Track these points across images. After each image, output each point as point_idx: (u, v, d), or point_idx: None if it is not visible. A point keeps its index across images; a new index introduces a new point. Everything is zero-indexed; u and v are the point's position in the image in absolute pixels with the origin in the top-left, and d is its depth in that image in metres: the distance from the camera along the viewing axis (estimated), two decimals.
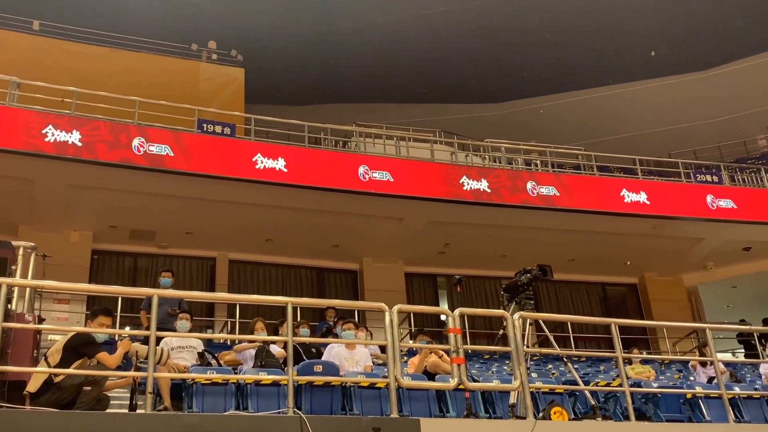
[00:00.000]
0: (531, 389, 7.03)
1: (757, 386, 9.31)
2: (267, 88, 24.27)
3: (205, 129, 13.48)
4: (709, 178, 16.68)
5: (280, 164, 13.19)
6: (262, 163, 13.11)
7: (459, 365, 6.42)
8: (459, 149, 16.91)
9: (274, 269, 16.66)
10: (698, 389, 8.51)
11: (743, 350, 19.64)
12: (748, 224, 16.02)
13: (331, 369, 7.12)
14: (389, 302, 6.66)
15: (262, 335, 8.52)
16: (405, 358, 9.45)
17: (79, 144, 12.23)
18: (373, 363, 8.48)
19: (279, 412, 6.21)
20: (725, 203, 15.84)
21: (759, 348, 13.94)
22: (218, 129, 13.61)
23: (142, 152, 12.51)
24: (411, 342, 11.90)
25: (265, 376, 6.76)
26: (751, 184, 18.30)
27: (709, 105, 27.42)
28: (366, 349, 8.26)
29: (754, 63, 26.66)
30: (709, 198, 15.84)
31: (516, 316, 7.01)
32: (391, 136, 16.24)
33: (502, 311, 7.17)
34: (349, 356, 7.81)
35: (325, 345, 8.39)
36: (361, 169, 13.77)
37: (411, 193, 14.03)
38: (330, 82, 26.39)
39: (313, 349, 8.52)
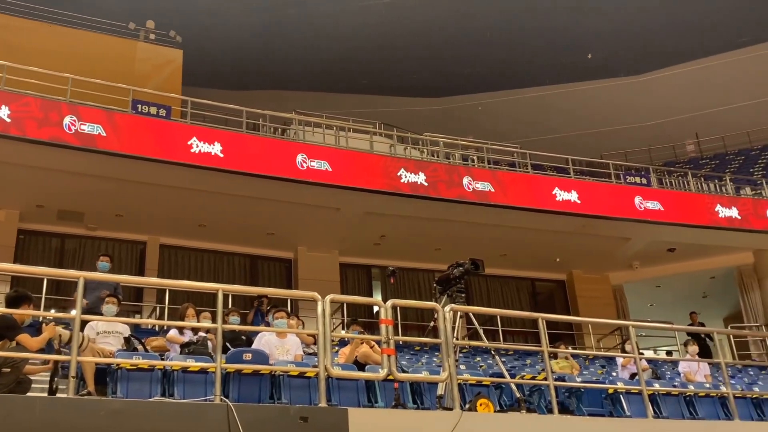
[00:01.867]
0: (459, 381, 7.13)
1: (676, 383, 9.64)
2: (206, 71, 23.91)
3: (139, 110, 13.16)
4: (638, 180, 17.15)
5: (216, 149, 12.99)
6: (197, 147, 12.89)
7: (389, 356, 6.47)
8: (398, 142, 16.98)
9: (207, 255, 16.44)
10: (620, 385, 8.78)
11: (667, 348, 20.36)
12: (673, 226, 16.54)
13: (261, 357, 7.08)
14: (323, 292, 6.66)
15: (192, 322, 8.41)
16: (337, 348, 9.46)
17: (8, 120, 11.81)
18: (305, 352, 8.48)
19: (206, 400, 6.15)
20: (652, 205, 16.32)
21: (679, 346, 14.47)
22: (153, 110, 13.31)
23: (74, 131, 12.16)
24: (343, 332, 11.95)
25: (193, 363, 6.68)
26: (677, 187, 18.91)
27: (641, 109, 28.25)
28: (297, 338, 8.24)
29: (685, 70, 27.56)
30: (637, 199, 16.29)
31: (447, 308, 7.09)
32: (330, 125, 16.19)
33: (434, 303, 7.24)
34: (280, 345, 7.78)
35: (256, 334, 8.34)
36: (299, 158, 13.69)
37: (349, 183, 14.02)
38: (271, 69, 26.16)
39: (243, 337, 8.46)
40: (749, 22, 25.90)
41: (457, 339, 7.25)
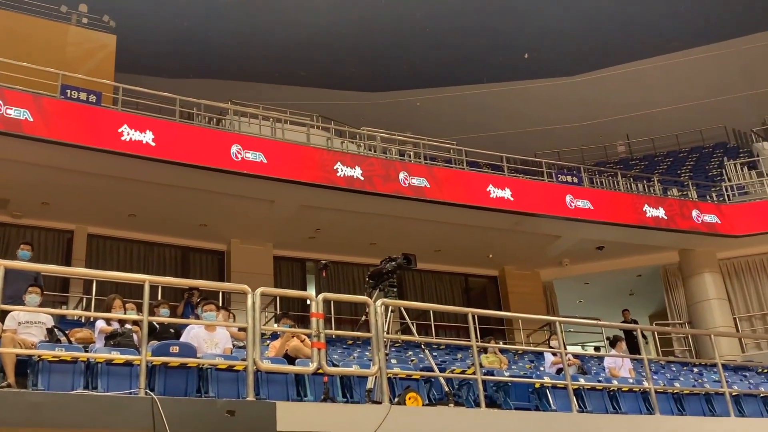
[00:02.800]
0: (388, 375, 7.17)
1: (601, 378, 9.88)
2: (140, 58, 23.38)
3: (69, 95, 12.76)
4: (569, 179, 17.50)
5: (147, 137, 12.70)
6: (128, 135, 12.59)
7: (319, 350, 6.46)
8: (335, 135, 16.93)
9: (137, 246, 16.07)
10: (546, 379, 8.96)
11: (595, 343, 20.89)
12: (602, 225, 16.95)
13: (189, 350, 6.97)
14: (256, 285, 6.61)
15: (119, 313, 8.21)
16: (268, 341, 9.39)
17: None
18: (235, 346, 8.39)
19: (130, 393, 6.02)
20: (583, 204, 16.69)
21: (605, 342, 14.85)
22: (83, 96, 12.92)
23: None
24: (275, 326, 11.86)
25: (117, 356, 6.53)
26: (608, 187, 19.39)
27: (575, 109, 28.85)
28: (227, 331, 8.14)
29: (617, 72, 28.25)
30: (568, 198, 16.63)
31: (379, 303, 7.12)
32: (267, 117, 16.04)
33: (365, 298, 7.25)
34: (209, 338, 7.68)
35: (185, 326, 8.21)
36: (234, 149, 13.51)
37: (284, 176, 13.91)
38: (207, 58, 25.76)
39: (172, 330, 8.32)
40: (680, 27, 26.73)
41: (388, 333, 7.29)
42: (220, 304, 11.39)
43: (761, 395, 10.36)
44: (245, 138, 13.99)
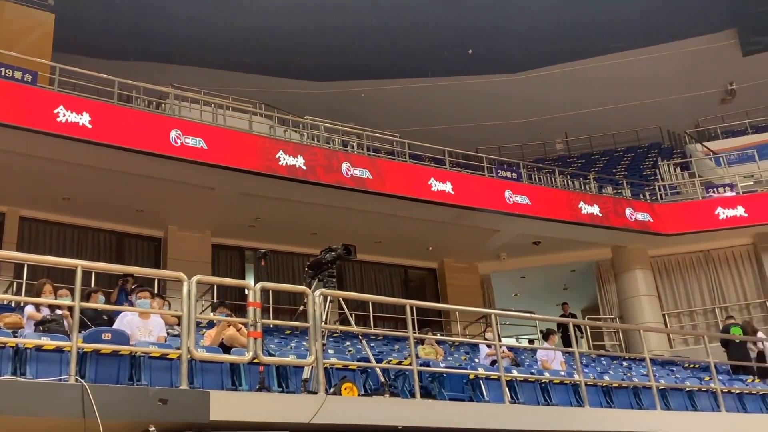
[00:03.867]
0: (325, 365, 7.19)
1: (533, 371, 10.08)
2: (79, 38, 22.78)
3: (3, 74, 12.35)
4: (509, 174, 17.77)
5: (84, 119, 12.37)
6: (64, 116, 12.24)
7: (256, 339, 6.43)
8: (278, 123, 16.81)
9: (70, 230, 15.66)
10: (480, 371, 9.10)
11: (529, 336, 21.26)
12: (539, 220, 17.26)
13: (121, 338, 6.86)
14: (193, 273, 6.53)
15: (49, 298, 8.02)
16: (204, 330, 9.30)
17: None
18: (169, 334, 8.29)
19: (59, 380, 5.90)
20: (521, 199, 16.96)
21: (539, 336, 15.14)
22: (18, 75, 12.54)
23: None
24: (211, 314, 11.75)
25: (47, 341, 6.39)
26: (545, 183, 19.77)
27: (517, 106, 29.26)
28: (161, 319, 8.03)
29: (559, 71, 28.75)
30: (507, 193, 16.87)
31: (317, 293, 7.12)
32: (208, 102, 15.82)
33: (304, 287, 7.25)
34: (143, 326, 7.55)
35: (119, 313, 8.06)
36: (174, 133, 13.27)
37: (224, 162, 13.73)
38: (148, 40, 25.22)
39: (105, 316, 8.17)
40: (622, 29, 27.36)
41: (326, 323, 7.30)
42: (156, 292, 11.23)
43: (686, 389, 10.73)
44: (185, 123, 13.74)
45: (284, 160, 14.31)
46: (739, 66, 28.82)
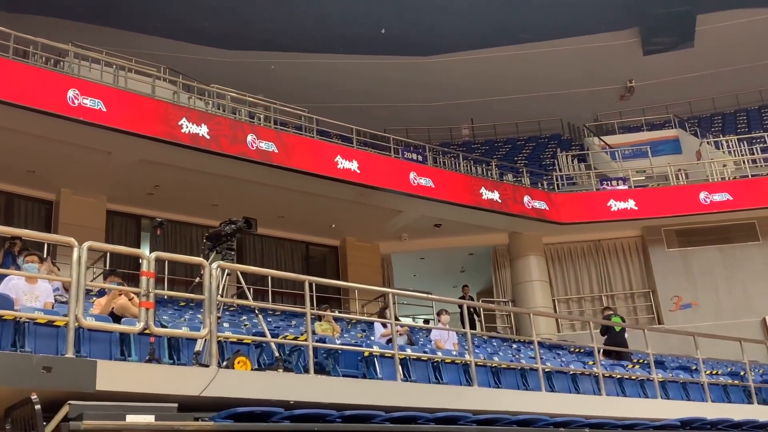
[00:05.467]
0: (219, 338, 7.10)
1: (426, 350, 10.28)
2: None
3: None
4: (415, 156, 17.97)
5: None
6: None
7: (147, 309, 6.29)
8: (183, 90, 16.37)
9: None
10: (375, 348, 9.21)
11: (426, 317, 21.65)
12: (442, 203, 17.55)
13: (5, 302, 6.57)
14: (85, 239, 6.28)
15: None
16: (94, 298, 9.01)
17: None
18: (57, 300, 8.00)
19: None
20: (425, 181, 17.19)
21: (435, 316, 15.42)
22: None
23: None
24: (102, 282, 11.39)
25: None
26: (450, 167, 20.09)
27: (426, 89, 29.51)
28: (49, 285, 7.73)
29: (468, 57, 29.14)
30: (412, 175, 17.06)
31: (214, 265, 7.01)
32: (110, 63, 15.23)
33: (200, 259, 7.12)
34: (29, 291, 7.26)
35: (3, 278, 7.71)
36: (71, 93, 12.71)
37: (124, 127, 13.27)
38: None
39: None
40: (530, 20, 27.92)
41: (222, 297, 7.20)
42: (44, 256, 10.79)
43: (571, 372, 11.19)
44: (84, 83, 13.19)
45: (187, 127, 13.96)
46: (639, 65, 30.03)
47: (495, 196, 18.32)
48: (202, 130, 14.16)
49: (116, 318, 7.42)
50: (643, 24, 29.40)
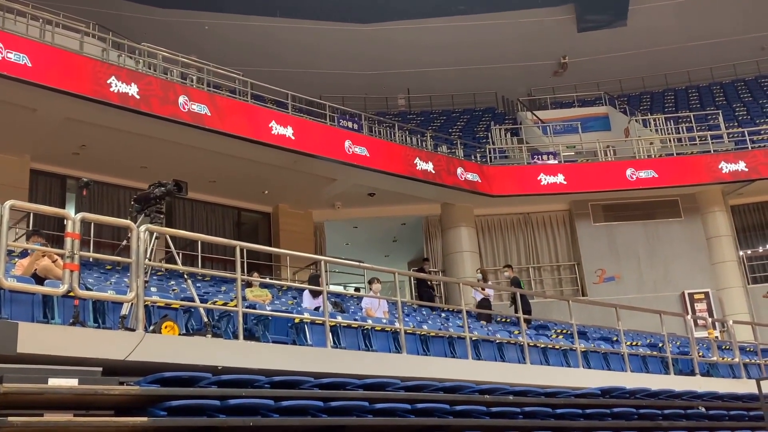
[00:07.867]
0: (146, 302, 7.00)
1: (357, 318, 10.36)
2: None
3: None
4: (350, 125, 17.90)
5: None
6: None
7: (72, 272, 6.14)
8: (112, 47, 15.84)
9: None
10: (305, 315, 9.23)
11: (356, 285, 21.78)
12: (376, 172, 17.57)
13: None
14: (7, 198, 6.09)
15: None
16: (16, 259, 8.74)
17: None
18: None
19: None
20: (360, 150, 17.16)
21: (366, 285, 15.49)
22: None
23: None
24: (25, 243, 11.03)
25: None
26: (385, 137, 20.10)
27: (363, 57, 29.36)
28: None
29: (405, 27, 29.09)
30: (347, 143, 17.00)
31: (142, 228, 6.88)
32: (36, 16, 14.60)
33: (128, 222, 6.97)
34: None
35: None
36: None
37: (49, 83, 12.78)
38: None
39: None
40: None
41: (150, 260, 7.09)
42: None
43: (496, 341, 11.46)
44: (8, 36, 12.62)
45: (116, 86, 13.56)
46: (573, 41, 30.51)
47: (429, 167, 18.44)
48: (132, 90, 13.77)
49: (39, 280, 7.23)
50: (579, 1, 29.82)
